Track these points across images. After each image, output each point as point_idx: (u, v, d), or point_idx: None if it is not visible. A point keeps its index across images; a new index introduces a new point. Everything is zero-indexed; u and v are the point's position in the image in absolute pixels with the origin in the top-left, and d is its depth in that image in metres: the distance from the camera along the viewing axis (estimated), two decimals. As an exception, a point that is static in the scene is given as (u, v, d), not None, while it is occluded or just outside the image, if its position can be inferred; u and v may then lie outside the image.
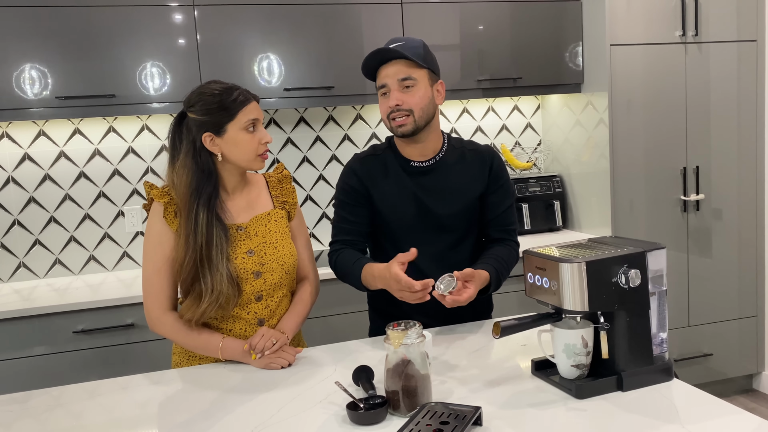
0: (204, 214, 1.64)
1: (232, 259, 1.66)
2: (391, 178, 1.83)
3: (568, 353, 1.36)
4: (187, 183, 1.65)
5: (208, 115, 1.64)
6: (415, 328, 1.30)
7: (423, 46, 1.75)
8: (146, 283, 1.68)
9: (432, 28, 2.98)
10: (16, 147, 2.91)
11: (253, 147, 1.68)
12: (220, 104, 1.64)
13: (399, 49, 1.70)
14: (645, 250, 1.34)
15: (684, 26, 3.07)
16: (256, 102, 1.72)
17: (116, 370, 2.44)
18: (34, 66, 2.58)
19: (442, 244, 1.82)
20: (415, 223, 1.81)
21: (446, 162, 1.84)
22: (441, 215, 1.81)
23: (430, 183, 1.82)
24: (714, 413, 1.23)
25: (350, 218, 1.84)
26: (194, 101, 1.66)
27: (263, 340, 1.60)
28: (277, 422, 1.30)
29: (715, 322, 3.30)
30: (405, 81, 1.71)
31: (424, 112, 1.75)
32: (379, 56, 1.73)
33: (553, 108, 3.48)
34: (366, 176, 1.83)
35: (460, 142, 1.90)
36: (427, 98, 1.75)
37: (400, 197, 1.81)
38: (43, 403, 1.49)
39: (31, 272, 2.97)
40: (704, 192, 3.21)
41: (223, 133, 1.65)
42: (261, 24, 2.78)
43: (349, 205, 1.84)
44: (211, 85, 1.69)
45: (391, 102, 1.73)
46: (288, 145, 3.23)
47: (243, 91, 1.69)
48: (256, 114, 1.69)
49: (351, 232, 1.85)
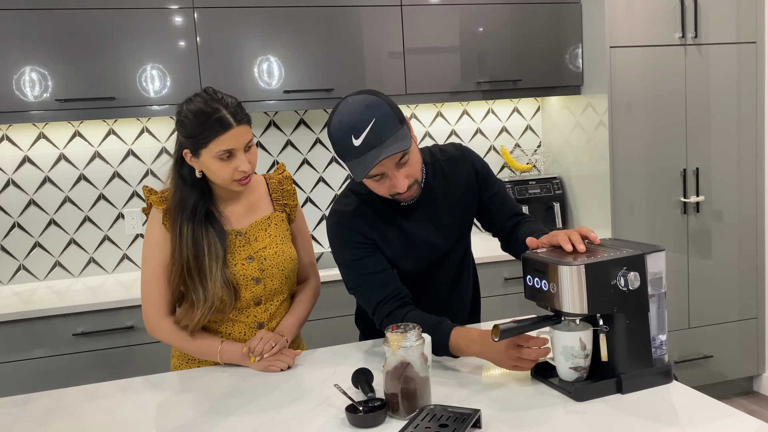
0: (188, 227, 1.61)
1: (231, 265, 1.66)
2: (388, 225, 1.65)
3: (566, 355, 1.36)
4: (172, 195, 1.64)
5: (182, 136, 1.60)
6: (414, 330, 1.30)
7: (387, 105, 1.47)
8: (145, 289, 1.68)
9: (431, 30, 2.98)
10: (16, 149, 2.91)
11: (226, 175, 1.59)
12: (191, 131, 1.56)
13: (382, 135, 1.44)
14: (644, 252, 1.34)
15: (684, 28, 3.07)
16: (242, 126, 1.57)
17: (116, 372, 2.44)
18: (35, 68, 2.58)
19: (447, 270, 1.75)
20: (421, 261, 1.68)
21: (431, 186, 1.67)
22: (443, 244, 1.70)
23: (425, 216, 1.67)
24: (713, 416, 1.23)
25: (377, 269, 1.61)
26: (177, 114, 1.61)
27: (262, 343, 1.60)
28: (276, 425, 1.30)
29: (715, 324, 3.30)
30: (402, 160, 1.48)
31: (422, 166, 1.60)
32: (373, 165, 1.43)
33: (552, 110, 3.49)
34: (365, 227, 1.62)
35: (429, 154, 1.72)
36: (418, 151, 1.57)
37: (403, 242, 1.65)
38: (43, 406, 1.49)
39: (31, 275, 2.97)
40: (704, 194, 3.21)
41: (198, 155, 1.59)
42: (261, 26, 2.79)
43: (366, 258, 1.61)
44: (194, 101, 1.58)
45: (399, 188, 1.50)
46: (288, 147, 3.23)
47: (221, 117, 1.54)
48: (233, 144, 1.56)
49: (388, 283, 1.60)
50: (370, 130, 1.43)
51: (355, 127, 1.43)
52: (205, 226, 1.63)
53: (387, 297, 1.59)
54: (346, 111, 1.46)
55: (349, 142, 1.44)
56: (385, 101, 1.48)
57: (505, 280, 2.95)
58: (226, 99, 1.59)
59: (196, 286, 1.62)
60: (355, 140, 1.43)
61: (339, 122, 1.46)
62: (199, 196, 1.64)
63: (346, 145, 1.45)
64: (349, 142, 1.44)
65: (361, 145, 1.43)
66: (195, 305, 1.62)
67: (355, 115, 1.44)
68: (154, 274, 1.66)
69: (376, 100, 1.47)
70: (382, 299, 1.59)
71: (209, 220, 1.65)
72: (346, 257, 1.63)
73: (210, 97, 1.58)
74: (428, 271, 1.71)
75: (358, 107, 1.45)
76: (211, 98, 1.58)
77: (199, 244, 1.62)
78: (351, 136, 1.43)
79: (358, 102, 1.46)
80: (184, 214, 1.62)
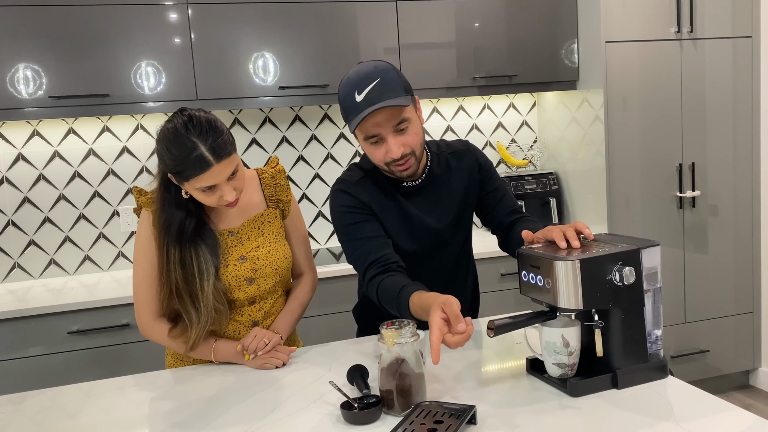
0: (175, 250, 1.58)
1: (223, 266, 1.64)
2: (389, 200, 1.68)
3: (549, 351, 1.36)
4: (158, 214, 1.60)
5: (163, 167, 1.55)
6: (409, 326, 1.30)
7: (395, 72, 1.54)
8: (137, 290, 1.66)
9: (427, 25, 2.98)
10: (10, 147, 2.90)
11: (212, 202, 1.55)
12: (171, 167, 1.51)
13: (383, 94, 1.48)
14: (639, 247, 1.34)
15: (679, 23, 3.07)
16: (223, 161, 1.49)
17: (111, 370, 2.44)
18: (28, 65, 2.57)
19: (445, 258, 1.76)
20: (418, 243, 1.71)
21: (434, 173, 1.72)
22: (442, 231, 1.72)
23: (426, 201, 1.71)
24: (708, 410, 1.23)
25: (370, 234, 1.62)
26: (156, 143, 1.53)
27: (256, 341, 1.59)
28: (271, 422, 1.30)
29: (711, 319, 3.30)
30: (400, 125, 1.53)
31: (422, 143, 1.62)
32: (367, 112, 1.48)
33: (548, 105, 3.48)
34: (364, 196, 1.65)
35: (436, 146, 1.77)
36: (421, 128, 1.61)
37: (403, 220, 1.68)
38: (38, 404, 1.48)
39: (26, 273, 2.96)
40: (700, 188, 3.21)
41: (182, 184, 1.54)
42: (255, 22, 2.77)
43: (360, 222, 1.63)
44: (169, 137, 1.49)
45: (392, 153, 1.54)
46: (283, 143, 3.22)
47: (200, 156, 1.46)
48: (215, 180, 1.50)
49: (380, 248, 1.60)
50: (374, 87, 1.49)
51: (359, 84, 1.50)
52: (194, 244, 1.59)
53: (375, 261, 1.59)
54: (355, 70, 1.55)
55: (352, 97, 1.50)
56: (394, 69, 1.55)
57: (502, 276, 2.95)
58: (205, 129, 1.48)
59: (188, 308, 1.59)
60: (358, 96, 1.49)
61: (348, 79, 1.54)
62: (185, 215, 1.59)
63: (350, 101, 1.51)
64: (352, 97, 1.50)
65: (362, 100, 1.49)
66: (189, 326, 1.59)
67: (362, 73, 1.52)
68: (145, 275, 1.64)
69: (386, 65, 1.55)
70: (371, 262, 1.59)
71: (199, 235, 1.61)
72: (343, 221, 1.65)
73: (186, 128, 1.48)
74: (427, 256, 1.73)
75: (367, 67, 1.54)
76: (188, 131, 1.47)
77: (187, 266, 1.58)
78: (355, 91, 1.50)
79: (369, 64, 1.55)
80: (169, 237, 1.58)
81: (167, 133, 1.50)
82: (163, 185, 1.60)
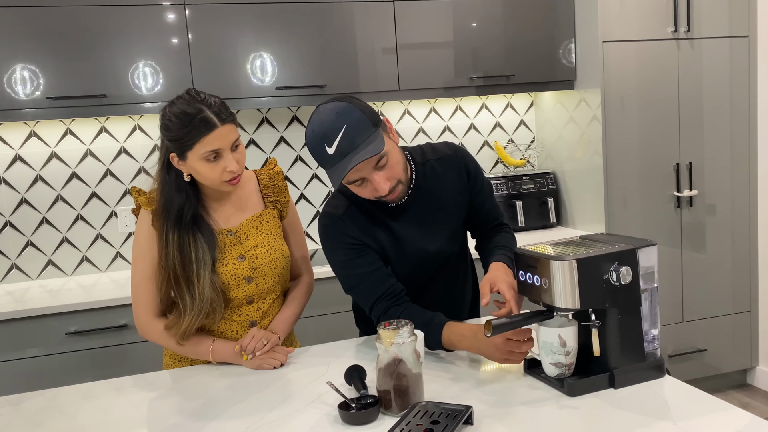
0: (174, 235, 1.60)
1: (222, 265, 1.64)
2: (379, 228, 1.63)
3: (546, 351, 1.36)
4: (158, 198, 1.62)
5: (167, 139, 1.58)
6: (407, 327, 1.30)
7: (358, 110, 1.46)
8: (135, 290, 1.67)
9: (424, 25, 2.98)
10: (7, 148, 2.90)
11: (214, 176, 1.57)
12: (176, 134, 1.54)
13: (354, 140, 1.43)
14: (636, 247, 1.34)
15: (676, 22, 3.07)
16: (227, 125, 1.55)
17: (109, 371, 2.43)
18: (25, 66, 2.57)
19: (446, 268, 1.75)
20: (415, 263, 1.67)
21: (421, 188, 1.66)
22: (438, 252, 1.69)
23: (416, 218, 1.65)
24: (705, 409, 1.23)
25: (366, 269, 1.60)
26: (160, 118, 1.58)
27: (254, 341, 1.59)
28: (269, 423, 1.30)
29: (709, 318, 3.31)
30: (379, 163, 1.47)
31: (405, 166, 1.57)
32: (346, 172, 1.43)
33: (546, 105, 3.49)
34: (353, 229, 1.61)
35: (420, 153, 1.70)
36: (399, 152, 1.54)
37: (395, 247, 1.64)
38: (36, 405, 1.49)
39: (24, 274, 2.95)
40: (697, 188, 3.22)
41: (185, 158, 1.57)
42: (253, 23, 2.77)
43: (353, 259, 1.60)
44: (176, 104, 1.56)
45: (381, 191, 1.49)
46: (281, 144, 3.22)
47: (205, 117, 1.52)
48: (219, 143, 1.54)
49: (382, 281, 1.59)
50: (342, 137, 1.42)
51: (326, 136, 1.43)
52: (192, 231, 1.61)
53: (382, 295, 1.59)
54: (317, 120, 1.46)
55: (323, 151, 1.45)
56: (356, 106, 1.47)
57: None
58: (209, 99, 1.56)
59: (183, 294, 1.60)
60: (329, 149, 1.43)
61: (312, 132, 1.47)
62: (185, 200, 1.61)
63: (321, 154, 1.45)
64: (323, 151, 1.45)
65: (335, 153, 1.43)
66: (182, 313, 1.60)
67: (326, 123, 1.44)
68: (143, 275, 1.65)
69: (346, 107, 1.46)
70: (378, 298, 1.59)
71: (197, 225, 1.62)
72: (338, 259, 1.63)
73: (192, 98, 1.55)
74: (425, 276, 1.72)
75: (328, 116, 1.45)
76: (194, 99, 1.55)
77: (185, 251, 1.60)
78: (324, 144, 1.44)
79: (328, 110, 1.46)
80: (168, 220, 1.60)
81: (173, 104, 1.56)
82: (164, 169, 1.62)
